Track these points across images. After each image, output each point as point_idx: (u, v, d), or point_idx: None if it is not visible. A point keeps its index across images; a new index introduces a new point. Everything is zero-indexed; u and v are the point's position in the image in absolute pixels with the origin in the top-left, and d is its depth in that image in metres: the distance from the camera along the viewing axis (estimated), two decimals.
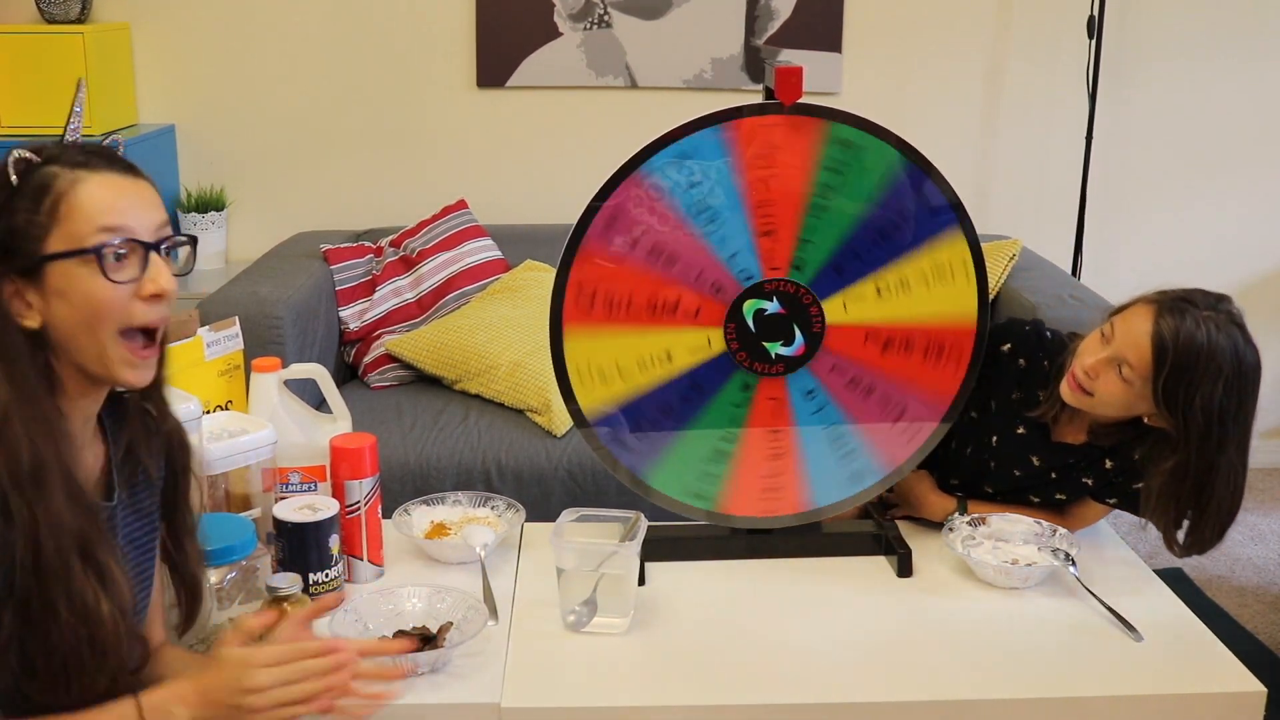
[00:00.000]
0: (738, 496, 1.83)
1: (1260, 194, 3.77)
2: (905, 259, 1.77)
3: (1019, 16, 3.63)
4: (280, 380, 1.82)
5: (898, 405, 1.82)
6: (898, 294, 1.77)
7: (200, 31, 3.56)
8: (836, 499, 1.85)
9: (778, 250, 1.74)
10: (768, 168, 1.71)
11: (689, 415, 1.80)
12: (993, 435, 1.92)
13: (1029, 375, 1.89)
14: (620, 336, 1.75)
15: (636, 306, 1.74)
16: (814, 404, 1.80)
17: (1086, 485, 1.88)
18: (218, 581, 1.48)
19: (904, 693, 1.51)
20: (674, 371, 1.78)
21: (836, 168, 1.72)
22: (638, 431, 1.79)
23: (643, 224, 1.71)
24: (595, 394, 1.77)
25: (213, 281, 3.32)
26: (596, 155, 3.35)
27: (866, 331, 1.78)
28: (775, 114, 1.70)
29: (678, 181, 1.70)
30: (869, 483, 1.85)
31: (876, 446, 1.84)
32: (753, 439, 1.81)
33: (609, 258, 1.72)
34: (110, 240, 1.19)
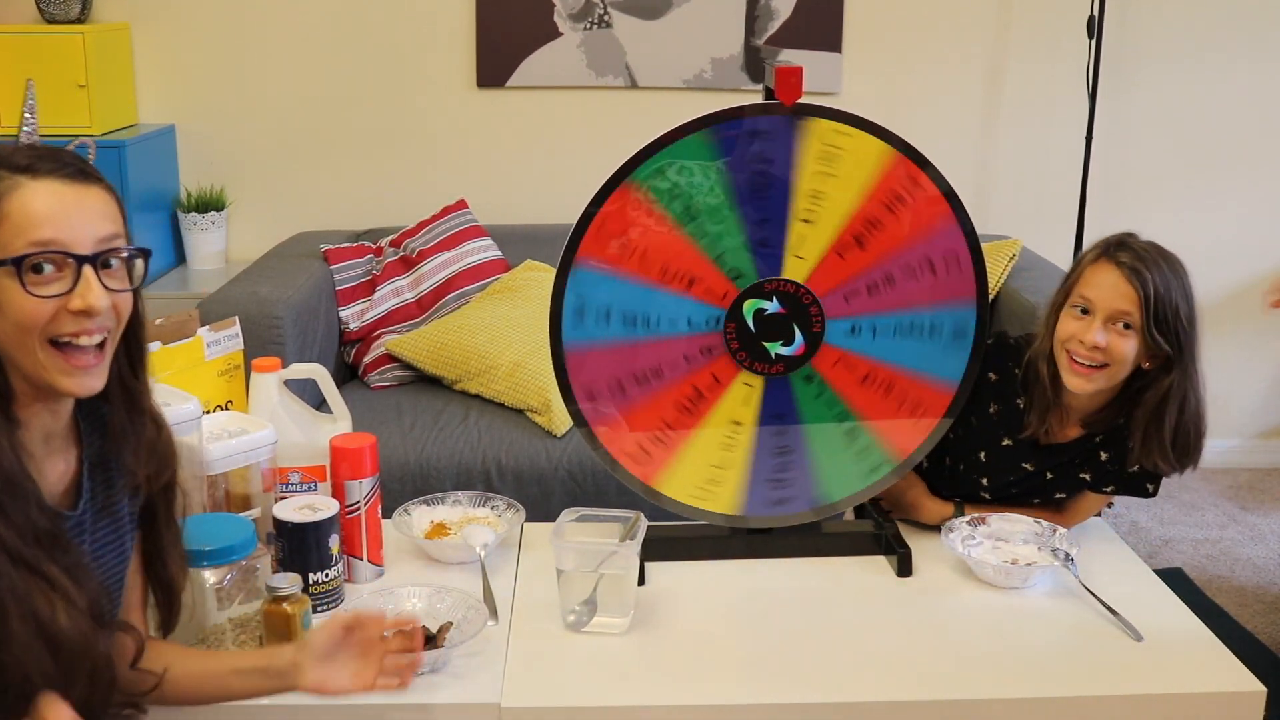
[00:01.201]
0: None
1: (1260, 194, 3.77)
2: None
3: (1019, 16, 3.63)
4: (280, 380, 1.82)
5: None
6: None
7: (200, 31, 3.56)
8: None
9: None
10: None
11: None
12: (979, 451, 1.92)
13: (1003, 387, 1.90)
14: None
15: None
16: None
17: (1085, 480, 1.89)
18: (217, 581, 1.48)
19: (904, 693, 1.51)
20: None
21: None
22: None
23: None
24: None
25: (213, 281, 3.32)
26: (596, 155, 3.34)
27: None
28: (775, 114, 1.70)
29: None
30: (881, 474, 1.85)
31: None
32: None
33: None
34: (33, 253, 1.15)
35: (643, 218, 1.71)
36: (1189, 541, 3.37)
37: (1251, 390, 3.85)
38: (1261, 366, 3.88)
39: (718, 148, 1.70)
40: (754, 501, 1.84)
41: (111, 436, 1.30)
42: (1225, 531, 3.44)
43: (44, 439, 1.24)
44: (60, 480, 1.26)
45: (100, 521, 1.30)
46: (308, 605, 1.51)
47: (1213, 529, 3.45)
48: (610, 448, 1.80)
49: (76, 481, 1.28)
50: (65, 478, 1.27)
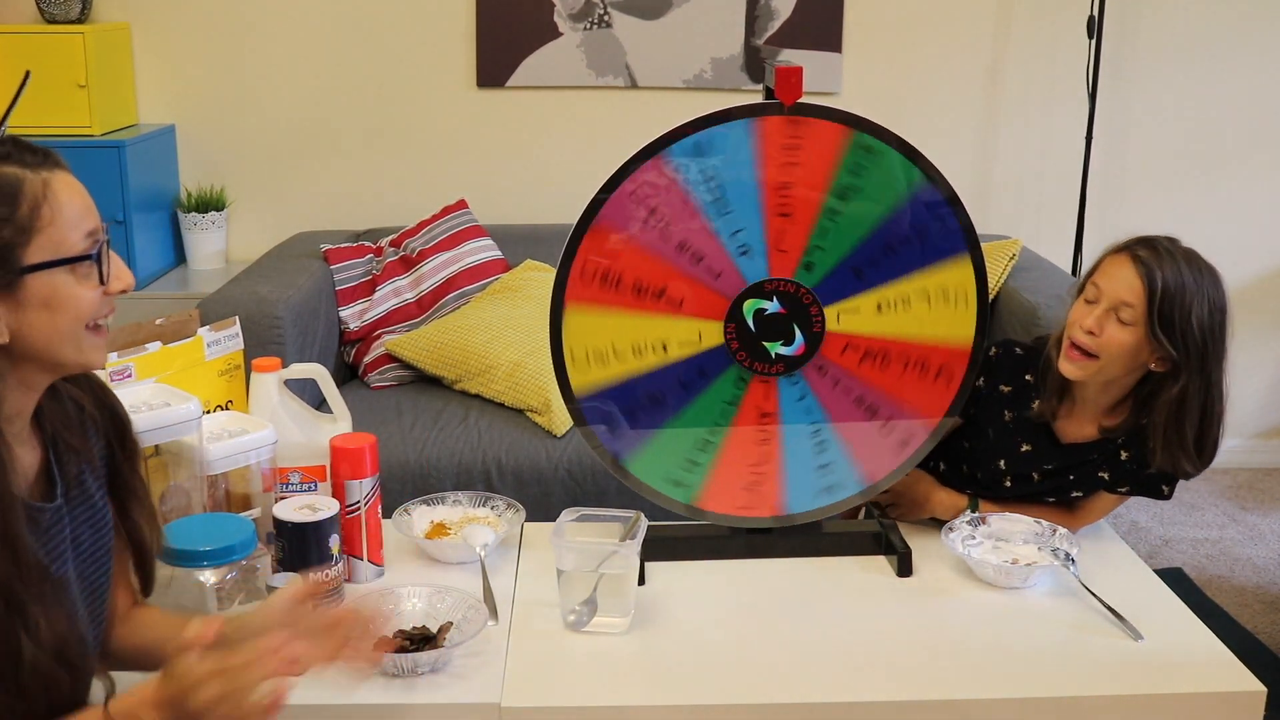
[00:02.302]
0: (717, 492, 1.83)
1: (1260, 194, 3.77)
2: (911, 277, 1.77)
3: (1019, 16, 3.63)
4: (280, 380, 1.82)
5: (885, 418, 1.82)
6: (897, 311, 1.78)
7: (200, 31, 3.56)
8: (809, 507, 1.85)
9: (789, 249, 1.73)
10: (790, 163, 1.71)
11: (679, 406, 1.79)
12: (998, 459, 1.93)
13: (1017, 396, 1.91)
14: (619, 319, 1.75)
15: (643, 290, 1.74)
16: (803, 407, 1.80)
17: (1103, 479, 1.89)
18: (218, 581, 1.48)
19: (904, 693, 1.51)
20: (668, 360, 1.77)
21: (857, 173, 1.72)
22: (628, 416, 1.79)
23: (655, 207, 1.71)
24: (590, 374, 1.77)
25: (213, 281, 3.33)
26: (596, 155, 3.35)
27: (866, 344, 1.78)
28: (775, 114, 1.70)
29: (697, 170, 1.70)
30: (842, 495, 1.85)
31: (859, 458, 1.83)
32: (738, 436, 1.81)
33: (620, 235, 1.72)
34: (94, 248, 1.16)
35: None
36: (1189, 541, 3.37)
37: (1251, 390, 3.85)
38: (1261, 366, 3.88)
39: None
40: (876, 464, 1.84)
41: (58, 413, 1.26)
42: (1225, 531, 3.44)
43: (20, 426, 1.21)
44: (31, 469, 1.23)
45: (77, 507, 1.27)
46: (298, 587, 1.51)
47: (1213, 529, 3.45)
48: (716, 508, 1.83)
49: (46, 469, 1.24)
50: (33, 468, 1.23)
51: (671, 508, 1.84)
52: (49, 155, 1.17)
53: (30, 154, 1.15)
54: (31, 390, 1.20)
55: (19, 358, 1.16)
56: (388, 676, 1.49)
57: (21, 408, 1.20)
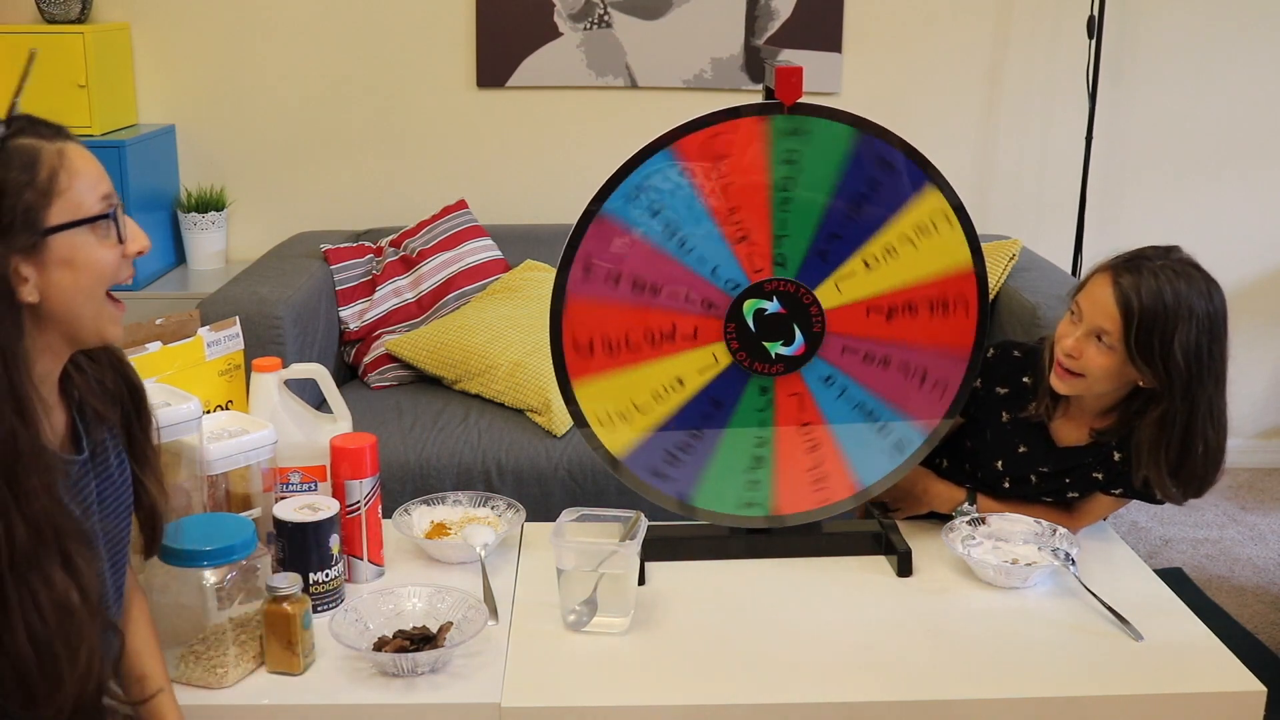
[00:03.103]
0: (787, 496, 1.84)
1: (1260, 194, 3.77)
2: (885, 227, 1.76)
3: (1019, 16, 3.63)
4: (280, 380, 1.81)
5: (918, 368, 1.82)
6: (887, 262, 1.77)
7: (200, 31, 3.56)
8: (882, 474, 1.85)
9: (756, 253, 1.74)
10: (724, 176, 1.71)
11: (717, 431, 1.80)
12: (996, 460, 1.93)
13: (1014, 397, 1.91)
14: (628, 375, 1.76)
15: (635, 343, 1.75)
16: (835, 389, 1.80)
17: (1097, 480, 1.89)
18: (218, 581, 1.48)
19: (904, 693, 1.51)
20: (690, 394, 1.78)
21: (791, 159, 1.72)
22: (671, 460, 1.80)
23: (617, 262, 1.72)
24: (620, 435, 1.79)
25: (213, 281, 3.33)
26: (596, 155, 3.35)
27: (867, 306, 1.78)
28: (775, 114, 1.70)
29: (641, 213, 1.71)
30: (911, 449, 1.85)
31: (909, 412, 1.83)
32: (785, 437, 1.81)
33: (594, 303, 1.73)
34: (111, 209, 1.24)
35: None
36: (1189, 541, 3.37)
37: (1251, 390, 3.85)
38: (1261, 366, 3.88)
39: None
40: (869, 470, 1.85)
41: (80, 381, 1.34)
42: (1225, 531, 3.44)
43: (47, 390, 1.28)
44: (60, 426, 1.30)
45: (100, 466, 1.34)
46: (308, 605, 1.51)
47: (1213, 529, 3.45)
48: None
49: (72, 429, 1.32)
50: (61, 425, 1.30)
51: (754, 525, 1.85)
52: (62, 129, 1.25)
53: (45, 127, 1.24)
54: (57, 357, 1.27)
55: (45, 321, 1.22)
56: (388, 676, 1.49)
57: (48, 372, 1.27)
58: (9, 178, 1.17)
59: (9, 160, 1.18)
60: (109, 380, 1.36)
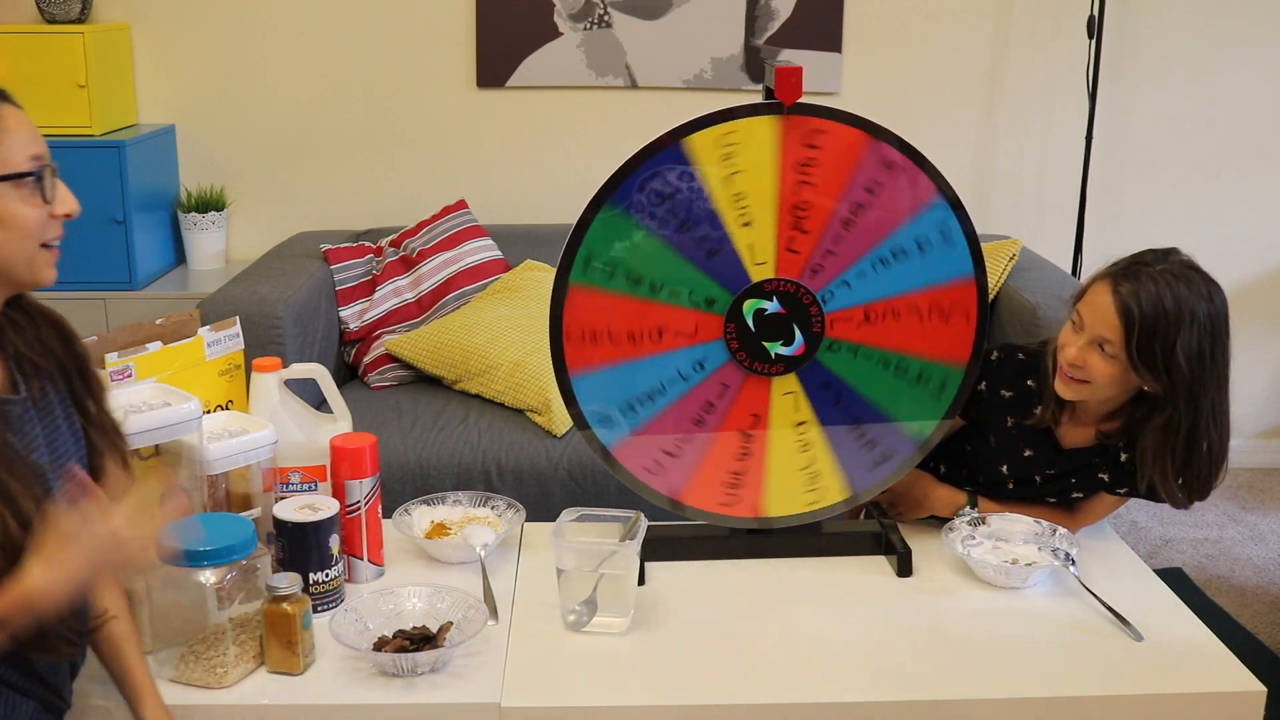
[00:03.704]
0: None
1: (1260, 194, 3.77)
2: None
3: (1019, 16, 3.63)
4: (280, 380, 1.81)
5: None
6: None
7: (200, 31, 3.56)
8: (873, 481, 1.85)
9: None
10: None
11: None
12: (1001, 464, 1.93)
13: (1018, 401, 1.90)
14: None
15: (636, 337, 1.75)
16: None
17: (1103, 480, 1.89)
18: (218, 581, 1.48)
19: (904, 693, 1.51)
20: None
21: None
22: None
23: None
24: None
25: (213, 281, 3.33)
26: (596, 155, 3.35)
27: (867, 311, 1.78)
28: (776, 114, 1.70)
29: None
30: (902, 458, 1.85)
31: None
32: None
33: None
34: (38, 168, 1.26)
35: (603, 306, 1.73)
36: (1189, 541, 3.37)
37: (1251, 390, 3.85)
38: (1261, 366, 3.88)
39: (623, 207, 1.71)
40: (859, 475, 1.84)
41: (19, 340, 1.36)
42: (1225, 531, 3.44)
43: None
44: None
45: (44, 414, 1.35)
46: (308, 605, 1.51)
47: (1213, 529, 3.45)
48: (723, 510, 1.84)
49: (9, 374, 1.34)
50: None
51: (740, 525, 1.84)
52: (4, 92, 1.28)
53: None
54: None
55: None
56: (388, 676, 1.49)
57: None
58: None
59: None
60: (49, 340, 1.38)
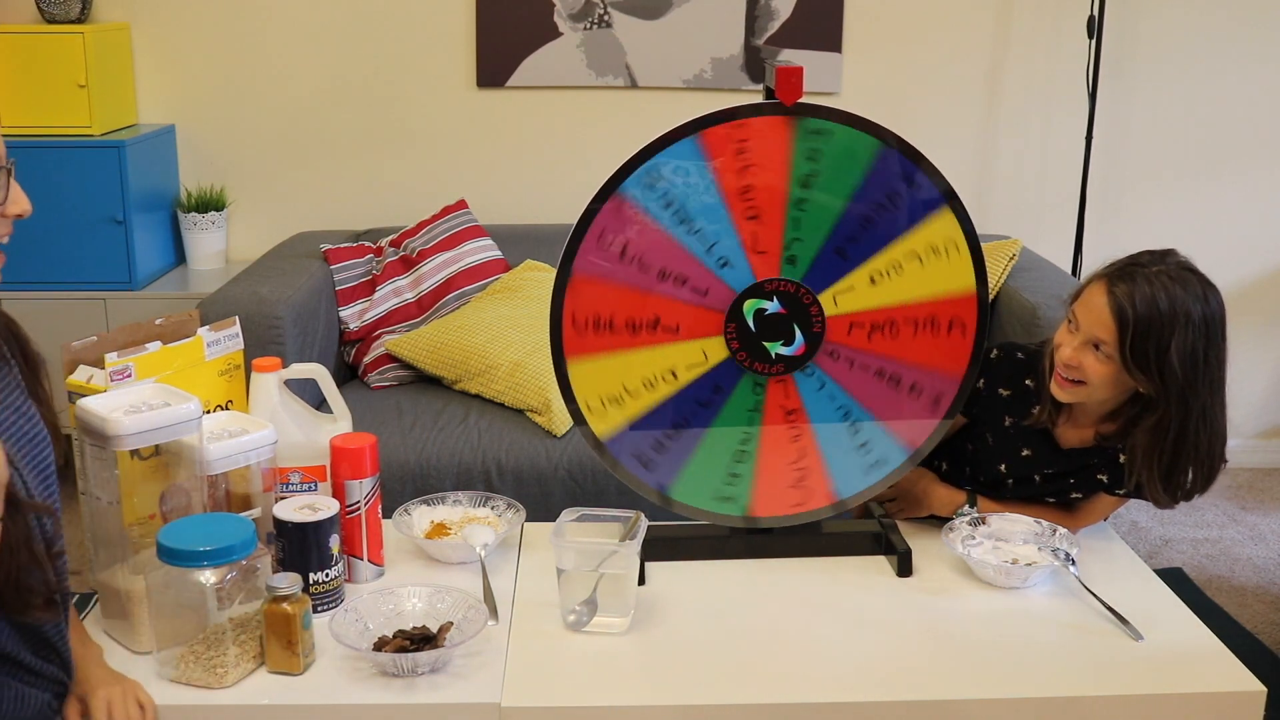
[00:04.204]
0: (766, 497, 1.84)
1: (1260, 194, 3.77)
2: (896, 242, 1.76)
3: (1019, 16, 3.63)
4: (280, 380, 1.81)
5: (909, 384, 1.82)
6: (892, 277, 1.77)
7: (200, 31, 3.56)
8: (860, 488, 1.85)
9: (765, 246, 1.74)
10: (743, 170, 1.71)
11: (705, 424, 1.80)
12: (999, 463, 1.93)
13: (1016, 401, 1.90)
14: (623, 358, 1.76)
15: (635, 327, 1.75)
16: (825, 395, 1.80)
17: (1102, 481, 1.89)
18: (218, 581, 1.48)
19: (904, 693, 1.51)
20: (681, 385, 1.78)
21: (813, 156, 1.72)
22: (657, 448, 1.80)
23: (627, 242, 1.72)
24: (609, 418, 1.78)
25: (213, 281, 3.33)
26: (596, 155, 3.35)
27: (868, 318, 1.78)
28: (776, 114, 1.70)
29: (655, 198, 1.70)
30: (890, 468, 1.85)
31: (896, 429, 1.83)
32: (770, 436, 1.81)
33: (599, 280, 1.73)
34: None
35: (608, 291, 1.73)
36: (1189, 541, 3.37)
37: (1251, 390, 3.85)
38: (1261, 366, 3.88)
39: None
40: (848, 481, 1.85)
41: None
42: (1225, 531, 3.44)
43: None
44: None
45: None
46: (308, 605, 1.51)
47: (1213, 529, 3.45)
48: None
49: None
50: None
51: (729, 523, 1.84)
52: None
53: None
54: None
55: None
56: (388, 676, 1.49)
57: None
58: None
59: None
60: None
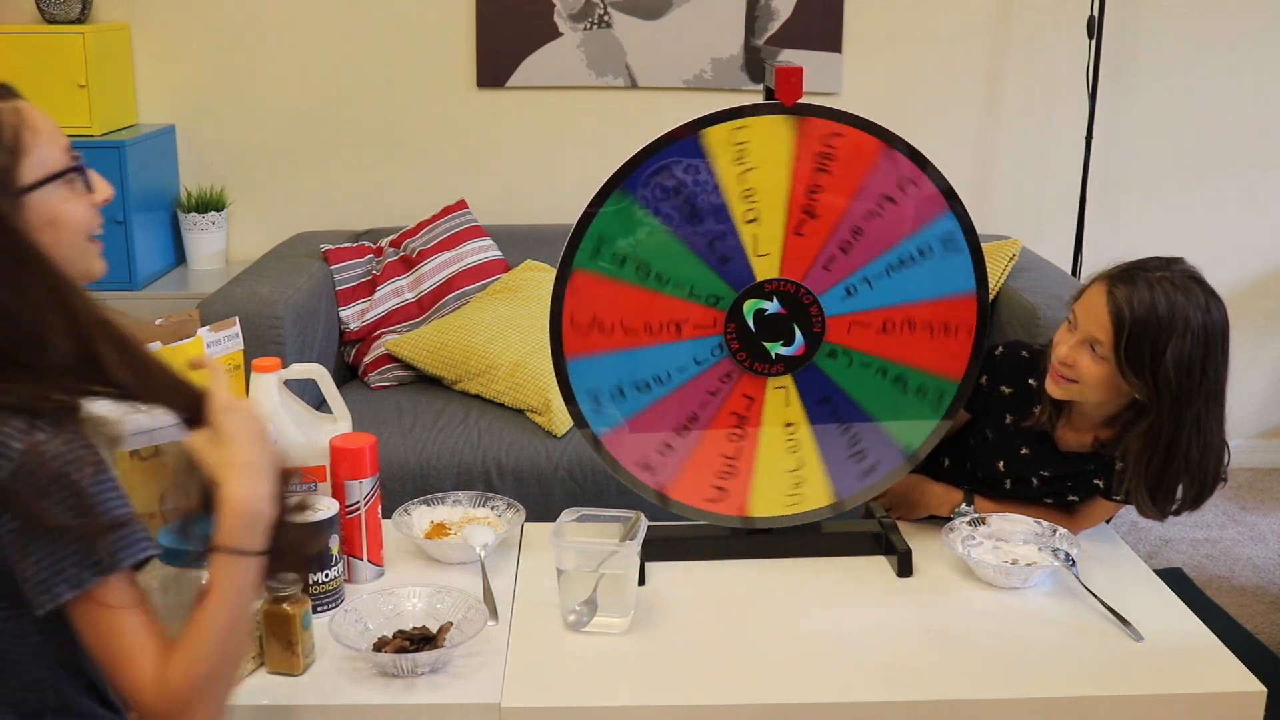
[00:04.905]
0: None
1: (1260, 194, 3.77)
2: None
3: (1019, 16, 3.63)
4: (280, 380, 1.81)
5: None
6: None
7: (200, 31, 3.56)
8: (856, 490, 1.85)
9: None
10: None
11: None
12: (998, 461, 1.93)
13: (1018, 399, 1.90)
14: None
15: (633, 327, 1.75)
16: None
17: (1098, 486, 1.89)
18: None
19: (904, 693, 1.51)
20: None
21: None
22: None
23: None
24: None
25: (213, 281, 3.32)
26: (596, 155, 3.35)
27: (867, 319, 1.78)
28: (776, 114, 1.70)
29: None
30: (888, 470, 1.85)
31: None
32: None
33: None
34: (79, 162, 1.23)
35: (606, 293, 1.72)
36: (1189, 541, 3.37)
37: (1251, 390, 3.85)
38: (1261, 366, 3.88)
39: (635, 198, 1.70)
40: (844, 483, 1.84)
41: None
42: (1225, 531, 3.44)
43: None
44: None
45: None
46: (308, 605, 1.51)
47: (1213, 529, 3.45)
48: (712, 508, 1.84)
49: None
50: None
51: (726, 523, 1.84)
52: (10, 88, 1.24)
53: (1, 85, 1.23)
54: None
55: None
56: (387, 677, 1.49)
57: None
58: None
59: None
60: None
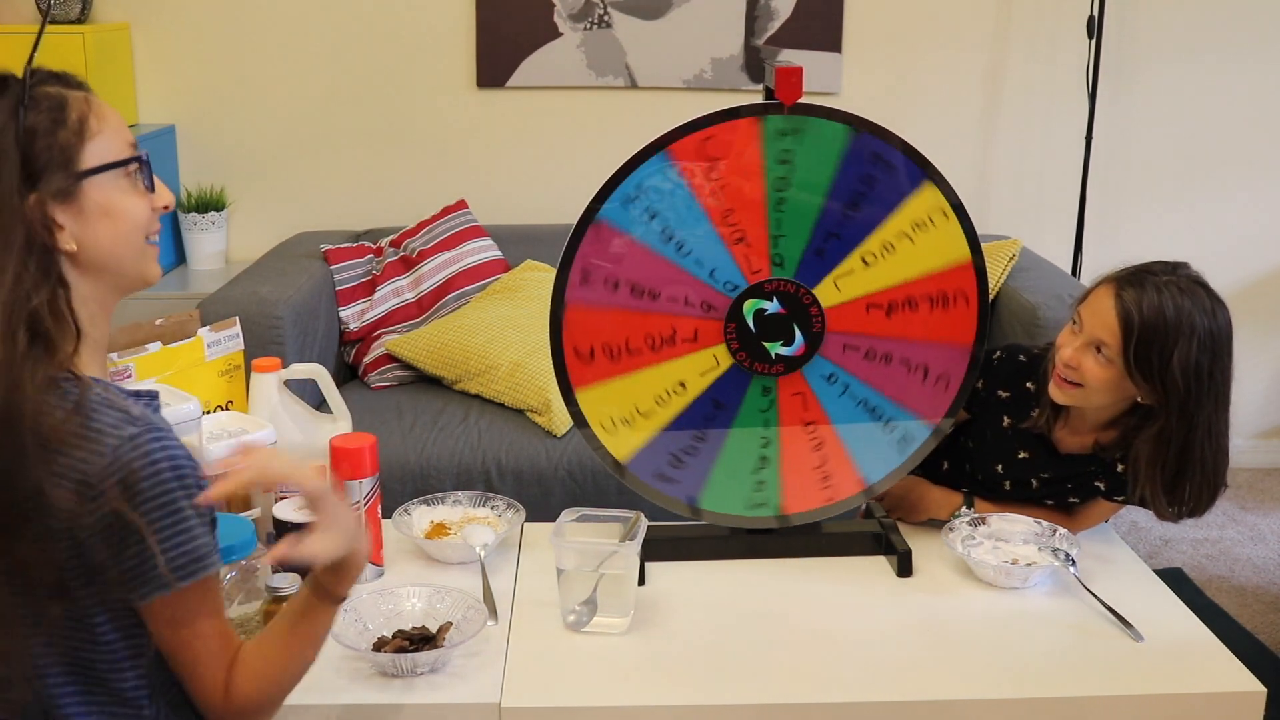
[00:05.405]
0: (794, 495, 1.83)
1: (1260, 194, 3.77)
2: (883, 224, 1.75)
3: (1019, 16, 3.63)
4: (280, 380, 1.82)
5: (920, 364, 1.81)
6: (885, 258, 1.77)
7: (200, 31, 3.56)
8: (888, 470, 1.85)
9: (754, 254, 1.74)
10: (720, 177, 1.71)
11: (721, 433, 1.80)
12: (996, 463, 1.92)
13: (1016, 403, 1.90)
14: (630, 380, 1.76)
15: (636, 348, 1.75)
16: (837, 388, 1.80)
17: (1099, 488, 1.89)
18: None
19: (904, 693, 1.51)
20: (692, 397, 1.78)
21: (786, 159, 1.72)
22: (676, 463, 1.80)
23: (615, 267, 1.72)
24: (625, 440, 1.78)
25: (213, 281, 3.32)
26: (596, 155, 3.36)
27: (867, 303, 1.78)
28: (776, 114, 1.70)
29: (638, 217, 1.71)
30: (916, 444, 1.84)
31: (912, 408, 1.82)
32: (789, 437, 1.81)
33: (594, 309, 1.73)
34: (141, 154, 1.23)
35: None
36: (1189, 541, 3.37)
37: (1251, 390, 3.85)
38: (1261, 366, 3.88)
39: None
40: (874, 465, 1.84)
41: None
42: (1225, 531, 3.44)
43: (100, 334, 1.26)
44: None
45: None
46: None
47: (1213, 529, 3.45)
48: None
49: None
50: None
51: (765, 525, 1.84)
52: (81, 81, 1.25)
53: (69, 78, 1.24)
54: (103, 306, 1.24)
55: (86, 271, 1.20)
56: (387, 677, 1.49)
57: (93, 316, 1.22)
58: (39, 121, 1.15)
59: (37, 104, 1.16)
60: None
